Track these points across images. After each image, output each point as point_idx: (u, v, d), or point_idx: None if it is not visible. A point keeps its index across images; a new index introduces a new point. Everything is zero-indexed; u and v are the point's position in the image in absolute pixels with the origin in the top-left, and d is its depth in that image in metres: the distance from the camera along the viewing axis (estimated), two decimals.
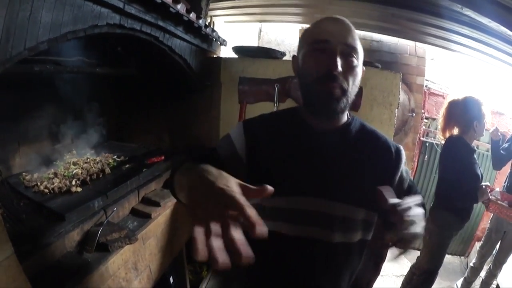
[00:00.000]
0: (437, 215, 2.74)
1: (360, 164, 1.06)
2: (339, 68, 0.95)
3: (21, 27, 1.13)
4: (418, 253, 3.04)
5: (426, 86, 4.70)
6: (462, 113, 2.70)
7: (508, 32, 2.49)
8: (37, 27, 1.19)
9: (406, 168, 1.16)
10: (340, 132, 1.09)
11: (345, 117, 1.12)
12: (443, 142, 2.88)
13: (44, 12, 1.20)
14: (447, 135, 2.83)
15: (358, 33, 1.05)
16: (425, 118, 4.83)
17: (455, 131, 2.77)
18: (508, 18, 2.32)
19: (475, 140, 2.85)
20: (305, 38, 1.07)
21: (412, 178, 1.26)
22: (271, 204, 1.03)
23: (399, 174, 1.11)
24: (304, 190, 1.03)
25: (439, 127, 2.95)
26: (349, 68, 0.99)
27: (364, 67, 1.08)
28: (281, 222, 1.04)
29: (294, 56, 1.14)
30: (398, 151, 1.12)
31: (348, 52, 0.99)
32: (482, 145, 4.82)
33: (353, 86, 1.01)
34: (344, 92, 0.99)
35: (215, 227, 0.56)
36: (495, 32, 2.74)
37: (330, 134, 1.07)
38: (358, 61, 1.02)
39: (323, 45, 0.99)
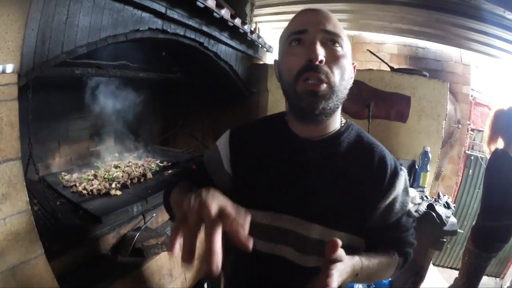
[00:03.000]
0: (478, 235, 2.49)
1: (346, 182, 0.86)
2: (320, 57, 0.76)
3: (58, 31, 1.07)
4: (456, 273, 2.80)
5: (471, 95, 4.33)
6: (506, 124, 2.41)
7: None
8: (75, 31, 1.13)
9: (404, 199, 0.92)
10: (328, 141, 0.89)
11: (337, 124, 0.91)
12: (488, 155, 2.58)
13: (82, 16, 1.13)
14: (492, 148, 2.50)
15: (404, 40, 0.83)
16: (470, 130, 4.45)
17: (500, 143, 2.46)
18: None
19: None
20: (283, 36, 0.89)
21: (410, 217, 0.98)
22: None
23: (387, 201, 0.88)
24: (279, 206, 0.87)
25: (485, 139, 2.63)
26: (334, 58, 0.79)
27: (355, 63, 0.87)
28: (254, 237, 0.88)
29: (275, 61, 0.94)
30: (394, 174, 0.89)
31: (331, 39, 0.80)
32: None
33: (341, 81, 0.80)
34: (331, 87, 0.78)
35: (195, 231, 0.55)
36: None
37: (316, 143, 0.88)
38: (344, 51, 0.81)
39: (300, 36, 0.81)
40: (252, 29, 2.56)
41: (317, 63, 0.76)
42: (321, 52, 0.76)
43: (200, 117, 3.23)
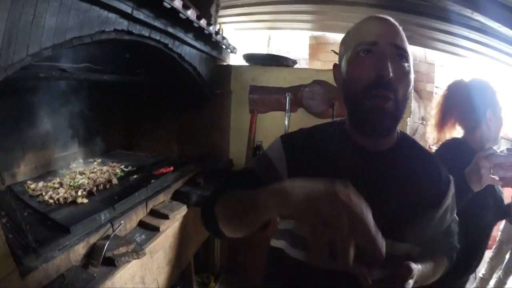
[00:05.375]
0: None
1: (409, 193, 0.88)
2: (391, 74, 0.79)
3: (24, 32, 1.06)
4: None
5: (435, 93, 4.59)
6: (467, 102, 1.61)
7: None
8: (41, 32, 1.12)
9: (453, 205, 0.96)
10: (393, 152, 0.91)
11: (395, 133, 0.95)
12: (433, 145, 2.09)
13: (48, 16, 1.12)
14: (443, 136, 1.76)
15: None
16: None
17: (455, 130, 1.73)
18: None
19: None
20: (348, 41, 0.91)
21: (455, 223, 1.02)
22: None
23: (442, 209, 0.92)
24: None
25: (433, 123, 1.83)
26: (401, 75, 0.82)
27: (413, 75, 0.89)
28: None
29: (335, 65, 0.97)
30: (447, 181, 0.94)
31: (399, 54, 0.83)
32: None
33: (404, 97, 0.84)
34: (396, 103, 0.82)
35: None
36: (505, 37, 2.68)
37: (383, 155, 0.90)
38: (410, 66, 0.86)
39: (370, 48, 0.83)
40: (217, 30, 2.60)
41: (388, 79, 0.79)
42: (391, 69, 0.79)
43: (165, 120, 3.23)
